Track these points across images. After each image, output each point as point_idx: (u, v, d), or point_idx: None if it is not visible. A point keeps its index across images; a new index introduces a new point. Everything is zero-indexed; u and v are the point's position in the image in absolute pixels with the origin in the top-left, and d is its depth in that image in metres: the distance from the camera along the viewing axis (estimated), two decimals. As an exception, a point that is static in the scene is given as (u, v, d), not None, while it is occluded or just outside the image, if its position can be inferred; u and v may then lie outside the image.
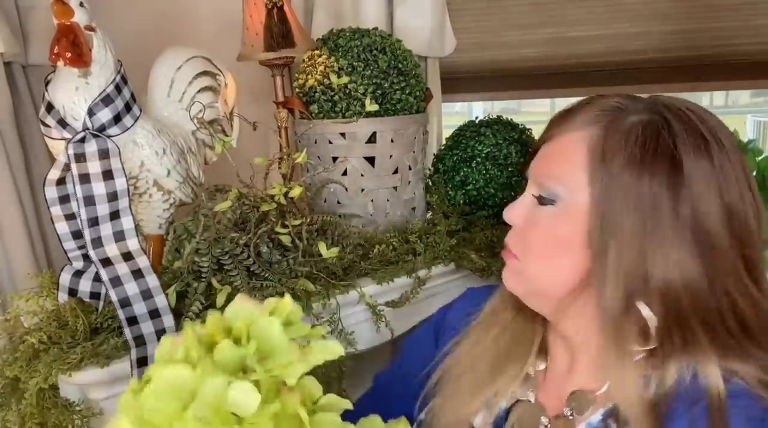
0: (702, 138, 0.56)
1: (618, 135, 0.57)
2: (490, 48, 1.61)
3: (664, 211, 0.54)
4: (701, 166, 0.55)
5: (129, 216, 0.86)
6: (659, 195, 0.54)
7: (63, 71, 0.88)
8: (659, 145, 0.55)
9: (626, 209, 0.55)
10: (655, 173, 0.55)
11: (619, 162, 0.56)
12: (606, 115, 0.59)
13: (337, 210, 1.16)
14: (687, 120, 0.57)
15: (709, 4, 1.54)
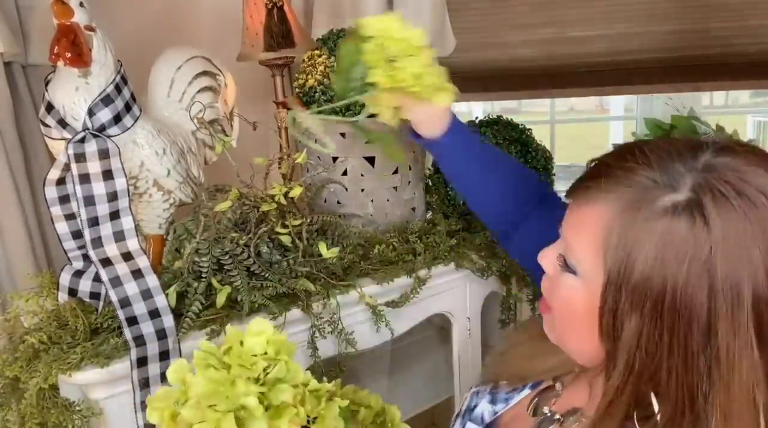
0: (751, 240, 0.45)
1: (638, 228, 0.48)
2: (490, 48, 1.61)
3: (684, 330, 0.47)
4: (746, 278, 0.45)
5: (129, 216, 0.86)
6: (685, 309, 0.46)
7: (63, 71, 0.88)
8: (688, 248, 0.46)
9: (640, 308, 0.48)
10: (679, 281, 0.46)
11: (638, 264, 0.48)
12: (630, 193, 0.49)
13: (337, 210, 1.16)
14: (733, 208, 0.46)
15: (709, 4, 1.54)
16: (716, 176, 0.47)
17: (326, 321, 0.96)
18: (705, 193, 0.46)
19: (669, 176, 0.48)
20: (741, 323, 0.45)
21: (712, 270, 0.45)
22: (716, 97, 6.98)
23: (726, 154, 0.49)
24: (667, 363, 0.48)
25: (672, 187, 0.48)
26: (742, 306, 0.45)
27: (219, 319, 0.89)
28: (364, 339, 1.02)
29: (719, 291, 0.45)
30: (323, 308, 0.96)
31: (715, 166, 0.48)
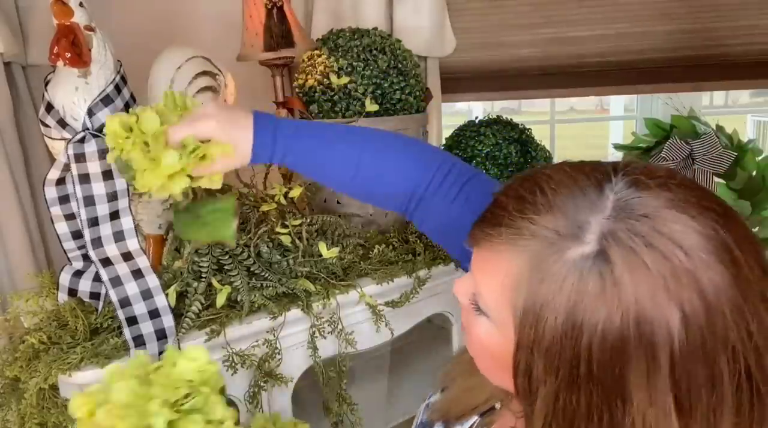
0: (664, 300, 0.40)
1: (545, 288, 0.43)
2: (490, 48, 1.61)
3: (600, 398, 0.42)
4: (661, 338, 0.40)
5: (128, 217, 0.86)
6: (600, 375, 0.42)
7: (63, 71, 0.88)
8: (598, 311, 0.41)
9: (554, 373, 0.43)
10: (592, 345, 0.41)
11: (548, 327, 0.43)
12: (534, 245, 0.44)
13: (337, 210, 1.16)
14: (643, 266, 0.41)
15: (709, 4, 1.54)
16: (624, 225, 0.42)
17: (326, 321, 0.96)
18: (612, 247, 0.41)
19: (573, 224, 0.43)
20: (658, 390, 0.41)
21: (625, 333, 0.40)
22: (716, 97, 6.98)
23: (636, 192, 0.43)
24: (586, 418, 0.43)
25: (577, 238, 0.42)
26: (658, 371, 0.40)
27: (219, 319, 0.89)
28: (364, 339, 1.02)
29: (633, 356, 0.40)
30: (323, 308, 0.96)
31: (623, 208, 0.42)
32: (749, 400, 0.42)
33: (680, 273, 0.40)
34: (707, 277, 0.40)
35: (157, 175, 0.69)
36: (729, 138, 1.51)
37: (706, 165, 1.45)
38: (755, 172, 1.48)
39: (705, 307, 0.40)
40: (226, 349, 0.89)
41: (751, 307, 0.41)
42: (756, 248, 0.43)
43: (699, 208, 0.42)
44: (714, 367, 0.40)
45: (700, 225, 0.41)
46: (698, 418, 0.41)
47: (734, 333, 0.40)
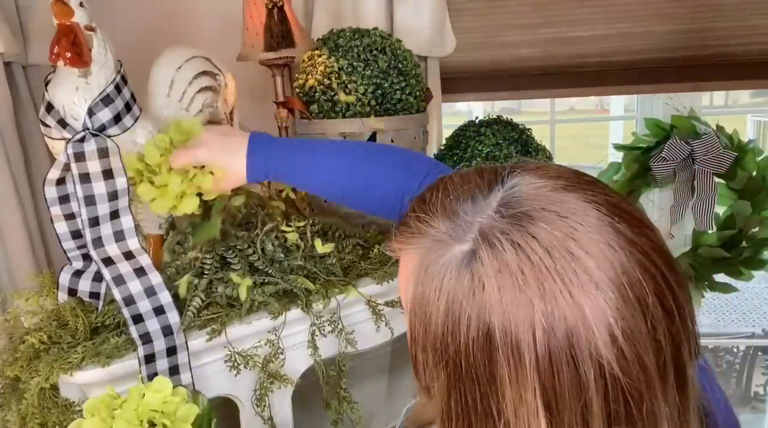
0: (526, 302, 0.40)
1: (429, 286, 0.44)
2: (490, 48, 1.61)
3: (481, 395, 0.43)
4: (525, 341, 0.40)
5: (128, 216, 0.86)
6: (476, 373, 0.43)
7: (63, 71, 0.88)
8: (468, 308, 0.42)
9: (443, 368, 0.45)
10: (469, 343, 0.42)
11: (432, 323, 0.44)
12: (425, 246, 0.46)
13: (337, 210, 1.16)
14: (506, 263, 0.41)
15: (709, 4, 1.54)
16: (498, 225, 0.43)
17: (326, 320, 0.96)
18: (483, 246, 0.42)
19: (457, 225, 0.45)
20: (525, 389, 0.41)
21: (492, 331, 0.41)
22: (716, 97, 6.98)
23: (516, 191, 0.44)
24: (475, 425, 0.44)
25: (459, 237, 0.44)
26: (524, 371, 0.40)
27: (219, 318, 0.89)
28: (364, 339, 1.02)
29: (500, 354, 0.41)
30: (324, 307, 0.96)
31: (503, 207, 0.44)
32: (625, 414, 0.41)
33: (540, 271, 0.40)
34: (570, 279, 0.40)
35: (167, 199, 0.82)
36: (729, 138, 1.51)
37: (707, 165, 1.45)
38: (755, 172, 1.48)
39: (574, 317, 0.40)
40: (227, 348, 0.90)
41: (621, 315, 0.40)
42: (644, 247, 0.42)
43: (581, 201, 0.43)
44: (579, 373, 0.40)
45: (575, 223, 0.41)
46: (566, 422, 0.41)
47: (599, 342, 0.40)
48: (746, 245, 1.51)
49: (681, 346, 0.42)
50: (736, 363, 3.72)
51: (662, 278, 0.42)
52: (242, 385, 0.92)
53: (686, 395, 0.43)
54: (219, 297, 0.91)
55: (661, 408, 0.41)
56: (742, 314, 4.39)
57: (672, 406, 0.42)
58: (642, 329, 0.40)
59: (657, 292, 0.41)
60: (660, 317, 0.41)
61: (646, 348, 0.40)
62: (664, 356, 0.41)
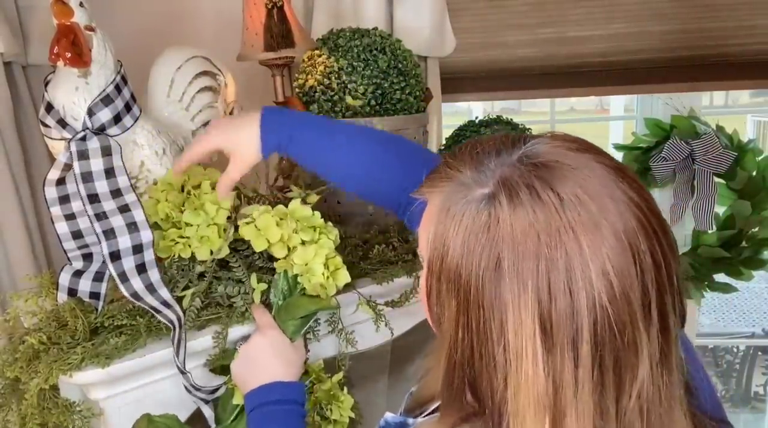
0: (534, 235, 0.46)
1: (450, 221, 0.50)
2: (490, 48, 1.61)
3: (487, 321, 0.48)
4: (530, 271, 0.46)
5: (139, 209, 0.85)
6: (484, 300, 0.48)
7: (63, 71, 0.88)
8: (484, 242, 0.47)
9: (455, 297, 0.50)
10: (480, 272, 0.48)
11: (449, 255, 0.50)
12: (450, 188, 0.52)
13: (337, 210, 1.16)
14: (520, 203, 0.47)
15: (709, 4, 1.54)
16: (518, 172, 0.48)
17: (326, 321, 0.96)
18: (501, 190, 0.48)
19: (481, 172, 0.50)
20: (526, 313, 0.46)
21: (501, 261, 0.47)
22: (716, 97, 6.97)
23: (536, 147, 0.50)
24: (479, 355, 0.49)
25: (482, 183, 0.50)
26: (526, 297, 0.46)
27: (219, 319, 0.89)
28: (364, 339, 1.02)
29: (507, 283, 0.47)
30: (323, 308, 0.96)
31: (525, 157, 0.50)
32: (609, 342, 0.46)
33: (550, 213, 0.46)
34: (573, 219, 0.46)
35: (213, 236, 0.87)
36: (729, 138, 1.51)
37: (706, 165, 1.45)
38: (755, 172, 1.48)
39: (574, 251, 0.45)
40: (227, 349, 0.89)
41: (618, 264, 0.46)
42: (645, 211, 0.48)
43: (591, 160, 0.49)
44: (573, 301, 0.45)
45: (584, 175, 0.47)
46: (557, 344, 0.46)
47: (593, 274, 0.45)
48: (746, 245, 1.51)
49: (665, 296, 0.48)
50: (736, 363, 3.71)
51: (654, 234, 0.47)
52: (242, 385, 0.92)
53: (668, 340, 0.48)
54: (219, 297, 0.91)
55: (643, 341, 0.47)
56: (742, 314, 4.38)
57: (654, 344, 0.47)
58: (631, 271, 0.46)
59: (648, 244, 0.47)
60: (649, 265, 0.47)
61: (633, 287, 0.46)
62: (649, 299, 0.47)
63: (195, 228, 0.87)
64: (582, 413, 0.47)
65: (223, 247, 0.90)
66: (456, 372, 0.52)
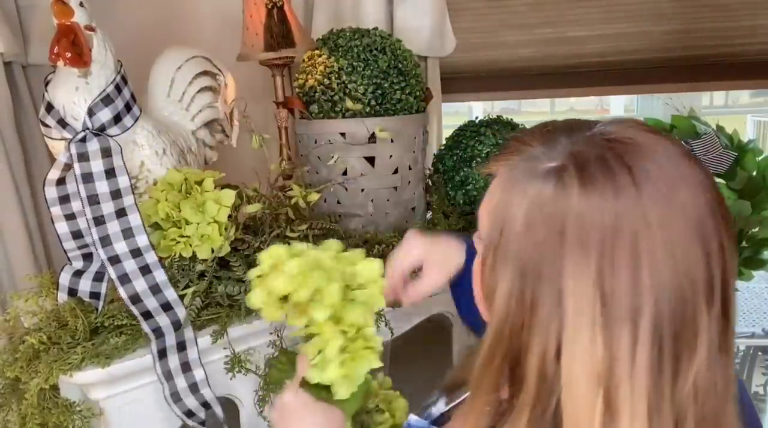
0: (601, 203, 0.46)
1: (514, 191, 0.51)
2: (490, 48, 1.61)
3: (542, 291, 0.48)
4: (594, 241, 0.46)
5: (136, 213, 0.86)
6: (543, 268, 0.48)
7: (63, 71, 0.88)
8: (549, 211, 0.48)
9: (511, 266, 0.50)
10: (539, 246, 0.48)
11: (510, 224, 0.50)
12: (516, 161, 0.53)
13: (337, 210, 1.16)
14: (591, 175, 0.47)
15: (709, 4, 1.54)
16: (588, 146, 0.49)
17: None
18: (571, 160, 0.49)
19: (552, 148, 0.51)
20: (587, 282, 0.46)
21: (565, 233, 0.47)
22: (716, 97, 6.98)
23: (609, 127, 0.51)
24: (531, 327, 0.49)
25: (550, 157, 0.50)
26: (588, 270, 0.46)
27: (219, 319, 0.89)
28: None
29: (569, 253, 0.46)
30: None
31: (597, 134, 0.50)
32: (669, 316, 0.46)
33: (620, 186, 0.46)
34: (642, 190, 0.46)
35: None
36: (729, 138, 1.51)
37: (706, 165, 1.45)
38: (755, 171, 1.48)
39: (642, 225, 0.45)
40: (228, 349, 0.89)
41: (685, 243, 0.46)
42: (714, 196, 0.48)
43: (666, 141, 0.49)
44: (636, 271, 0.45)
45: (656, 152, 0.48)
46: (615, 316, 0.46)
47: (657, 247, 0.45)
48: (746, 245, 1.51)
49: (729, 281, 0.47)
50: (736, 363, 3.72)
51: (722, 219, 0.47)
52: (242, 385, 0.92)
53: (727, 329, 0.48)
54: (219, 297, 0.91)
55: (703, 324, 0.46)
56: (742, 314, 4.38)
57: (714, 330, 0.47)
58: (697, 251, 0.46)
59: (715, 228, 0.47)
60: (715, 249, 0.46)
61: (698, 267, 0.46)
62: (712, 282, 0.46)
63: (195, 227, 0.87)
64: (637, 389, 0.46)
65: (224, 246, 0.90)
66: (500, 348, 0.51)
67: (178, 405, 0.85)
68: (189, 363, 0.85)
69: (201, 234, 0.88)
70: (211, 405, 0.87)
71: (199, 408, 0.87)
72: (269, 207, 1.00)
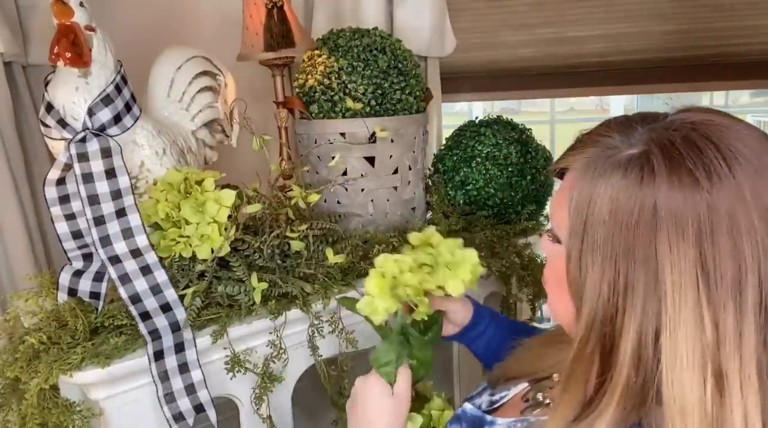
0: (693, 182, 0.47)
1: (596, 181, 0.51)
2: (490, 48, 1.61)
3: (637, 273, 0.49)
4: (690, 216, 0.47)
5: (136, 213, 0.86)
6: (636, 251, 0.48)
7: (63, 71, 0.88)
8: (637, 195, 0.48)
9: (599, 253, 0.50)
10: (630, 230, 0.48)
11: (595, 213, 0.50)
12: (594, 152, 0.53)
13: (337, 210, 1.16)
14: (678, 154, 0.48)
15: (709, 4, 1.54)
16: (669, 128, 0.50)
17: (326, 321, 0.96)
18: (655, 145, 0.49)
19: (629, 136, 0.52)
20: (686, 261, 0.46)
21: (658, 212, 0.47)
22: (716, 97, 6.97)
23: (685, 113, 0.52)
24: (625, 312, 0.49)
25: (630, 144, 0.51)
26: (686, 246, 0.46)
27: (219, 319, 0.89)
28: (364, 339, 1.02)
29: (664, 232, 0.47)
30: (324, 307, 0.96)
31: (674, 121, 0.51)
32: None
33: (708, 162, 0.47)
34: (732, 164, 0.47)
35: None
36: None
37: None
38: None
39: (736, 197, 0.46)
40: (228, 349, 0.89)
41: None
42: None
43: (746, 123, 0.51)
44: (737, 244, 0.46)
45: (740, 131, 0.49)
46: (721, 292, 0.46)
47: (754, 217, 0.46)
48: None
49: None
50: None
51: None
52: (242, 385, 0.92)
53: None
54: (219, 297, 0.91)
55: None
56: None
57: None
58: None
59: None
60: None
61: None
62: None
63: (195, 227, 0.87)
64: (746, 361, 0.46)
65: (223, 246, 0.90)
66: (593, 337, 0.52)
67: (170, 407, 0.84)
68: (187, 363, 0.85)
69: (201, 235, 0.88)
70: (204, 408, 0.87)
71: (191, 412, 0.86)
72: (269, 207, 1.00)
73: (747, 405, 0.46)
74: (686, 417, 0.46)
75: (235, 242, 0.93)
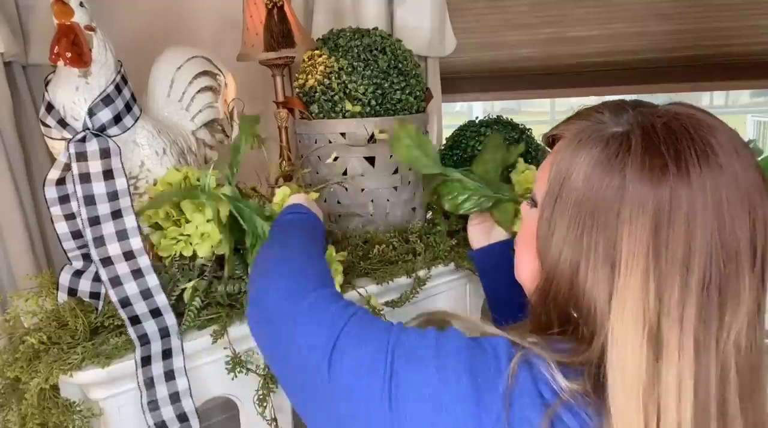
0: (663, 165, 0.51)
1: (579, 151, 0.56)
2: (490, 48, 1.61)
3: (598, 236, 0.53)
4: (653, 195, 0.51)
5: (131, 215, 0.86)
6: (600, 215, 0.53)
7: (63, 71, 0.88)
8: (610, 167, 0.53)
9: (567, 215, 0.56)
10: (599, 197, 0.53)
11: (572, 179, 0.56)
12: (583, 125, 0.58)
13: (337, 210, 1.16)
14: (656, 138, 0.52)
15: (709, 4, 1.54)
16: (654, 115, 0.55)
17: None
18: (638, 126, 0.54)
19: (618, 116, 0.57)
20: (642, 232, 0.51)
21: (625, 185, 0.52)
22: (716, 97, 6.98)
23: (674, 105, 0.57)
24: (583, 272, 0.54)
25: (617, 123, 0.56)
26: (645, 220, 0.51)
27: (219, 319, 0.89)
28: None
29: (627, 203, 0.51)
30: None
31: (659, 109, 0.56)
32: (716, 273, 0.50)
33: (681, 146, 0.52)
34: (700, 155, 0.51)
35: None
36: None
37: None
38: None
39: (698, 185, 0.50)
40: (228, 349, 0.89)
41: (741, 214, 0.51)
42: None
43: (724, 125, 0.55)
44: (689, 227, 0.50)
45: (715, 128, 0.53)
46: (669, 266, 0.50)
47: (709, 208, 0.50)
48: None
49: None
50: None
51: (767, 196, 0.53)
52: (242, 385, 0.92)
53: (761, 300, 0.53)
54: (219, 297, 0.91)
55: (746, 284, 0.51)
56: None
57: (752, 295, 0.52)
58: (745, 218, 0.51)
59: (760, 200, 0.52)
60: (762, 221, 0.52)
61: (743, 230, 0.51)
62: (755, 248, 0.52)
63: (195, 226, 0.88)
64: (686, 331, 0.50)
65: (224, 244, 0.90)
66: (552, 290, 0.57)
67: (153, 415, 0.83)
68: (174, 371, 0.85)
69: (201, 233, 0.88)
70: (188, 418, 0.86)
71: (174, 421, 0.85)
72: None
73: (682, 369, 0.50)
74: (625, 374, 0.51)
75: (235, 242, 0.93)
